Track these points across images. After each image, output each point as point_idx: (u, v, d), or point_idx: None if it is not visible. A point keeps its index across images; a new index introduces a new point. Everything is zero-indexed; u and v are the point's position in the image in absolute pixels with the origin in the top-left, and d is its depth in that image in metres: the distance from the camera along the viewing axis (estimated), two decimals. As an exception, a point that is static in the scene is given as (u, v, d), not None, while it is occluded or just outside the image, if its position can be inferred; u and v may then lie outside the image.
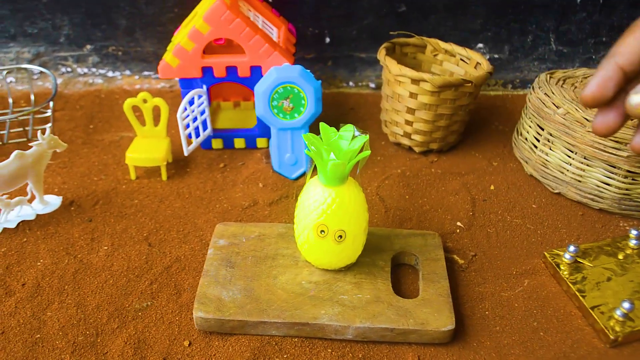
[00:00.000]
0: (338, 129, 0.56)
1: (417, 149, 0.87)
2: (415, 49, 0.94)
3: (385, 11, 1.01)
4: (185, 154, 0.78)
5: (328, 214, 0.54)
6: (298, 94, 0.73)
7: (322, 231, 0.55)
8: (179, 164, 0.83)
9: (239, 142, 0.86)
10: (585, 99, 0.43)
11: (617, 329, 0.56)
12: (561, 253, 0.65)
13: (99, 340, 0.55)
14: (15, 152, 0.66)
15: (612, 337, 0.55)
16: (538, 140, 0.79)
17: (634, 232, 0.66)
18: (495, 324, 0.58)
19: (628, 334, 0.55)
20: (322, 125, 0.55)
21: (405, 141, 0.87)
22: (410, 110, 0.82)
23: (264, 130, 0.84)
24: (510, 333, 0.57)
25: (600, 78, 0.42)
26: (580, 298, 0.59)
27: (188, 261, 0.65)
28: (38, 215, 0.71)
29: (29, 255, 0.65)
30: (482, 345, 0.56)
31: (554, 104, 0.75)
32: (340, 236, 0.55)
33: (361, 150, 0.54)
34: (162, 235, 0.69)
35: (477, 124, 0.96)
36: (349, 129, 0.55)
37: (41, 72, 1.07)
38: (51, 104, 0.87)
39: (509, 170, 0.84)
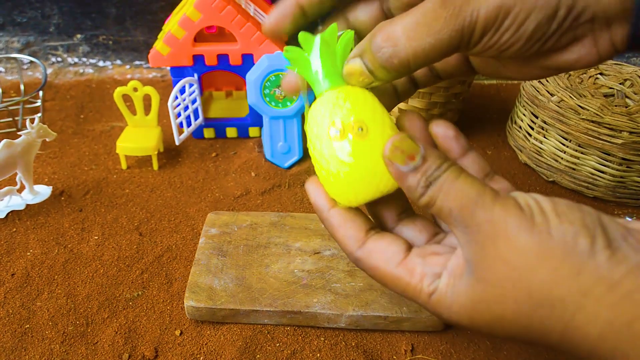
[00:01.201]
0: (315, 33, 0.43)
1: (410, 138, 0.86)
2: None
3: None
4: (177, 143, 0.77)
5: (343, 112, 0.41)
6: (290, 81, 0.72)
7: (337, 131, 0.41)
8: (170, 154, 0.82)
9: (231, 131, 0.85)
10: (264, 31, 0.42)
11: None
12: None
13: (89, 330, 0.54)
14: (4, 141, 0.65)
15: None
16: (532, 129, 0.79)
17: (628, 220, 0.65)
18: (489, 312, 0.58)
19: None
20: (302, 35, 0.43)
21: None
22: (404, 99, 0.81)
23: (256, 119, 0.84)
24: (504, 321, 0.57)
25: (278, 12, 0.41)
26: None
27: (179, 250, 0.64)
28: (28, 205, 0.70)
29: (19, 246, 0.64)
30: (476, 333, 0.55)
31: (548, 92, 0.74)
32: (361, 128, 0.41)
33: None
34: (153, 225, 0.68)
35: (471, 112, 0.96)
36: (332, 31, 0.42)
37: (31, 62, 1.06)
38: (40, 93, 0.87)
39: (503, 159, 0.83)
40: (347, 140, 0.40)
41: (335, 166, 0.40)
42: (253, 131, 0.85)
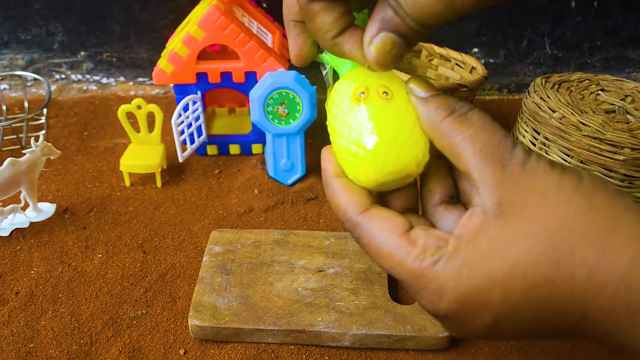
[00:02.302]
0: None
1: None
2: (410, 54, 0.94)
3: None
4: (180, 160, 0.77)
5: (367, 80, 0.39)
6: (293, 99, 0.72)
7: (361, 93, 0.39)
8: (173, 171, 0.82)
9: (234, 148, 0.85)
10: (294, 63, 0.42)
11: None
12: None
13: (93, 349, 0.54)
14: (8, 159, 0.65)
15: (610, 342, 0.55)
16: (534, 145, 0.79)
17: None
18: (493, 330, 0.58)
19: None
20: None
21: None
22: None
23: (259, 136, 0.84)
24: (508, 338, 0.57)
25: (293, 42, 0.41)
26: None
27: (183, 268, 0.64)
28: (32, 223, 0.70)
29: (23, 264, 0.65)
30: (480, 352, 0.55)
31: (550, 108, 0.75)
32: (386, 92, 0.39)
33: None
34: (157, 243, 0.68)
35: (473, 128, 0.96)
36: (364, 15, 0.41)
37: (35, 79, 1.06)
38: (45, 110, 0.87)
39: (505, 175, 0.83)
40: (372, 105, 0.38)
41: (356, 137, 0.38)
42: (256, 148, 0.85)
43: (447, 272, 0.33)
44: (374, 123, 0.37)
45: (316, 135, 0.87)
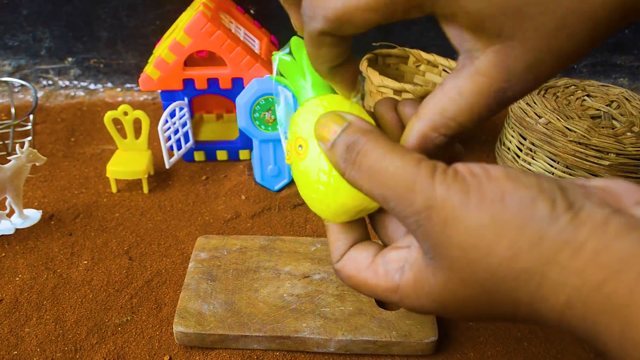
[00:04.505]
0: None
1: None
2: (397, 60, 0.94)
3: (367, 22, 1.01)
4: (167, 166, 0.77)
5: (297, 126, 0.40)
6: (280, 105, 0.72)
7: (299, 146, 0.39)
8: (160, 177, 0.82)
9: (222, 154, 0.85)
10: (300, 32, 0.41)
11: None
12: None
13: (77, 356, 0.54)
14: (-7, 166, 0.65)
15: (595, 346, 0.55)
16: (520, 150, 0.79)
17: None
18: (479, 335, 0.58)
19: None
20: (294, 40, 0.43)
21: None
22: (393, 121, 0.82)
23: (246, 142, 0.84)
24: (494, 344, 0.57)
25: (296, 16, 0.40)
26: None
27: (169, 275, 0.64)
28: (17, 230, 0.70)
29: (8, 271, 0.64)
30: (466, 357, 0.55)
31: (536, 114, 0.75)
32: (301, 146, 0.39)
33: None
34: (143, 249, 0.68)
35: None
36: None
37: (22, 85, 1.06)
38: (31, 117, 0.87)
39: (492, 180, 0.84)
40: (303, 159, 0.38)
41: (304, 183, 0.39)
42: (243, 154, 0.85)
43: (410, 297, 0.34)
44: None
45: (304, 141, 0.87)
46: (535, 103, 0.77)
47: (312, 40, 0.34)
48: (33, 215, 0.72)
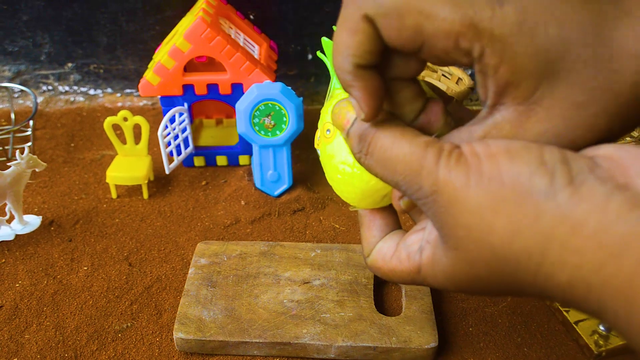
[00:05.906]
0: None
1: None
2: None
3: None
4: (167, 172, 0.77)
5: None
6: (279, 111, 0.72)
7: (327, 130, 0.42)
8: (160, 182, 0.82)
9: (221, 160, 0.85)
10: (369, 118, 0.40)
11: (601, 343, 0.56)
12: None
13: (77, 363, 0.54)
14: (-7, 172, 0.65)
15: (596, 352, 0.55)
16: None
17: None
18: (479, 341, 0.58)
19: (612, 349, 0.55)
20: (324, 41, 0.45)
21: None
22: (393, 126, 0.82)
23: (246, 147, 0.84)
24: (494, 349, 0.57)
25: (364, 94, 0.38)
26: (564, 313, 0.59)
27: (169, 281, 0.64)
28: (17, 236, 0.70)
29: (7, 277, 0.64)
30: (466, 363, 0.56)
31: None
32: (329, 130, 0.42)
33: None
34: (143, 255, 0.68)
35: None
36: None
37: (22, 91, 1.06)
38: (31, 122, 0.87)
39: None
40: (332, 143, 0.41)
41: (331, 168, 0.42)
42: (243, 159, 0.86)
43: (430, 275, 0.35)
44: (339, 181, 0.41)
45: (302, 147, 0.87)
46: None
47: (354, 77, 0.33)
48: (33, 221, 0.72)
